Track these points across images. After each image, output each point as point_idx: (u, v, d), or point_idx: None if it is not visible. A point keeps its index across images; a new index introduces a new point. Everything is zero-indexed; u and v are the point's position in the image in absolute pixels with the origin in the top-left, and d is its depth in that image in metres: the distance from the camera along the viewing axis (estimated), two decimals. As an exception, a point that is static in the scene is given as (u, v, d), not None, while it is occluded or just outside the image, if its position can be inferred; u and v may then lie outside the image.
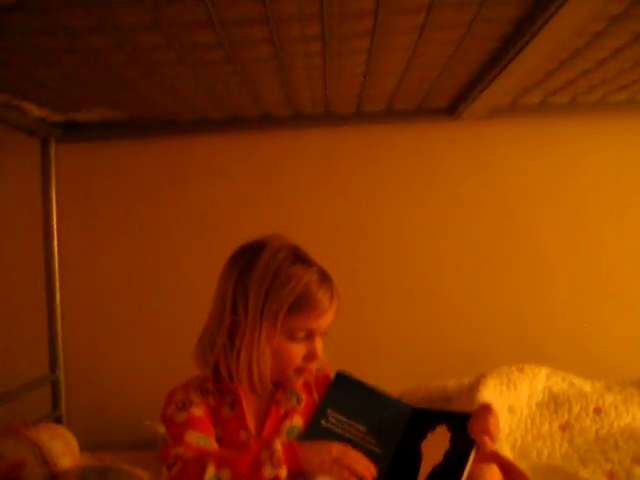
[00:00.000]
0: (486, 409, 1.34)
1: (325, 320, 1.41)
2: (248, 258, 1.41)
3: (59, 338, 2.43)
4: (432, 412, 1.48)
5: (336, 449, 1.30)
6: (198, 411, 1.38)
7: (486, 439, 1.29)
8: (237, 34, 1.45)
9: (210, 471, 1.22)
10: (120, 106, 2.19)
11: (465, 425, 1.33)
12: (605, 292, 2.53)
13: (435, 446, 1.36)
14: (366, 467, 1.29)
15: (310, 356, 1.42)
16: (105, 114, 2.27)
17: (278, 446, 1.25)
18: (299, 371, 1.45)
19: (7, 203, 2.51)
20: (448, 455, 1.31)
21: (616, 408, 2.01)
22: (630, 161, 2.53)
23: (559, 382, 2.12)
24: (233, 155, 2.55)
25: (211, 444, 1.34)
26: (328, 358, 1.47)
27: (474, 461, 1.28)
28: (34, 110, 2.12)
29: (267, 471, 1.21)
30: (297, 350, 1.41)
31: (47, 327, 2.42)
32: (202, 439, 1.34)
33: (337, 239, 2.51)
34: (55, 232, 2.42)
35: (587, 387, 2.12)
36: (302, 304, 1.37)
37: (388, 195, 2.55)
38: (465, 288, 2.54)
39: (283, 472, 1.21)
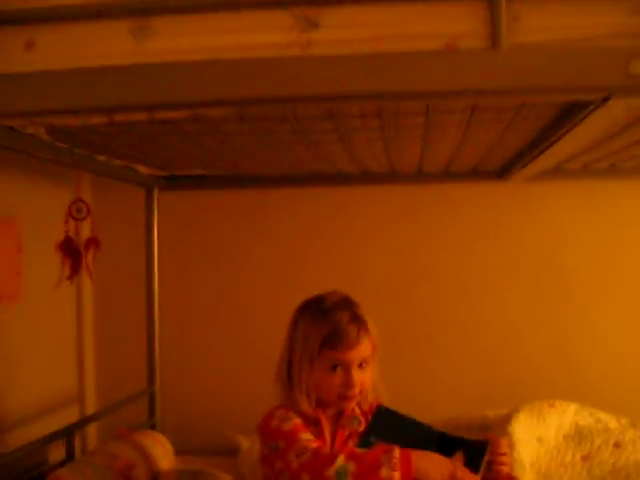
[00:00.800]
0: (498, 441, 1.52)
1: (356, 353, 1.55)
2: (304, 307, 1.61)
3: (156, 357, 2.60)
4: (455, 438, 1.62)
5: (450, 462, 1.43)
6: (298, 421, 1.54)
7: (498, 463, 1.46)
8: (307, 127, 1.63)
9: (340, 459, 1.36)
10: (210, 167, 2.40)
11: (480, 451, 1.48)
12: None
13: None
14: None
15: (347, 385, 1.56)
16: (199, 172, 2.48)
17: (396, 452, 1.37)
18: (344, 399, 1.59)
19: (117, 239, 2.70)
20: None
21: (634, 443, 2.10)
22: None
23: (586, 417, 2.22)
24: (308, 208, 2.73)
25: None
26: (386, 389, 1.66)
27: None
28: (144, 170, 2.35)
29: (384, 472, 1.34)
30: (333, 380, 1.55)
31: (146, 348, 2.59)
32: (313, 440, 1.49)
33: (401, 285, 2.66)
34: (156, 265, 2.60)
35: (612, 423, 2.21)
36: (331, 340, 1.53)
37: (445, 245, 2.70)
38: (510, 327, 2.66)
39: (397, 475, 1.33)
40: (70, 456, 2.05)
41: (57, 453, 2.19)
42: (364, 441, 1.59)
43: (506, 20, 1.18)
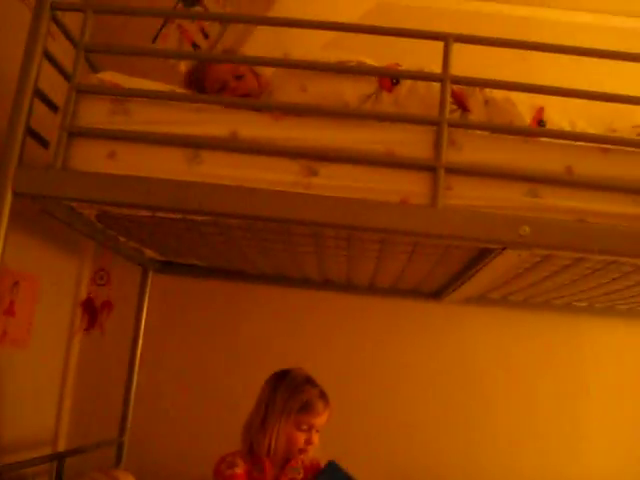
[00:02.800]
0: None
1: (320, 420, 2.12)
2: (278, 378, 2.13)
3: (130, 411, 2.95)
4: None
5: None
6: (239, 470, 2.03)
7: None
8: (294, 241, 2.17)
9: None
10: (206, 260, 2.86)
11: None
12: (538, 436, 3.08)
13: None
14: None
15: (308, 442, 2.11)
16: (194, 261, 2.96)
17: None
18: (301, 451, 2.09)
19: (120, 304, 3.09)
20: None
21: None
22: (552, 345, 3.15)
23: None
24: (278, 304, 3.16)
25: None
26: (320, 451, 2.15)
27: None
28: (149, 253, 2.81)
29: None
30: (300, 437, 2.10)
31: (122, 401, 2.94)
32: None
33: (346, 374, 3.08)
34: (141, 333, 2.99)
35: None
36: (306, 408, 2.06)
37: (387, 348, 3.15)
38: (430, 423, 3.09)
39: None
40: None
41: None
42: None
43: (443, 188, 1.69)
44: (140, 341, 3.00)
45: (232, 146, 1.76)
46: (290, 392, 2.12)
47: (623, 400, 3.09)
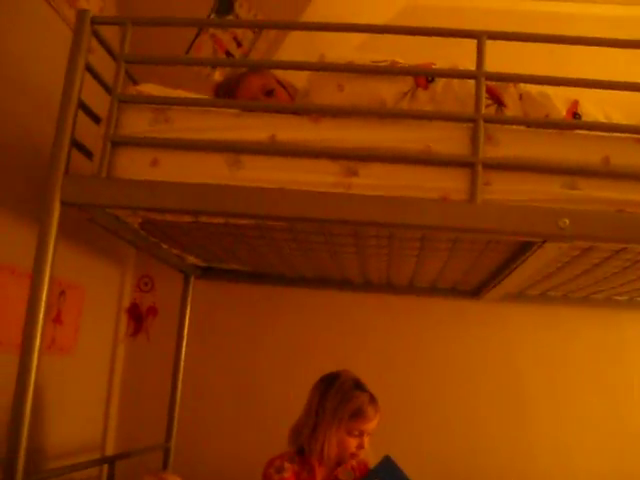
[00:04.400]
0: None
1: (371, 425, 2.13)
2: (327, 384, 2.14)
3: (176, 416, 3.00)
4: None
5: None
6: (287, 474, 2.06)
7: None
8: (336, 241, 2.20)
9: None
10: (247, 264, 2.90)
11: None
12: (579, 436, 3.05)
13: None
14: None
15: (360, 447, 2.13)
16: (235, 266, 3.00)
17: None
18: (352, 456, 2.12)
19: (164, 310, 3.13)
20: None
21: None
22: (594, 341, 3.13)
23: None
24: (318, 306, 3.19)
25: None
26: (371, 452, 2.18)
27: None
28: (190, 259, 2.86)
29: None
30: (352, 442, 2.11)
31: (168, 408, 2.99)
32: None
33: (388, 375, 3.08)
34: (185, 337, 3.05)
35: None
36: (357, 414, 2.07)
37: (426, 347, 3.16)
38: (472, 422, 3.09)
39: None
40: (110, 481, 2.48)
41: None
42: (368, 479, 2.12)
43: (481, 184, 1.71)
44: (184, 346, 3.04)
45: (272, 149, 1.79)
46: (340, 399, 2.13)
47: (669, 394, 3.04)
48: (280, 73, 2.29)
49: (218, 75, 2.69)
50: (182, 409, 3.02)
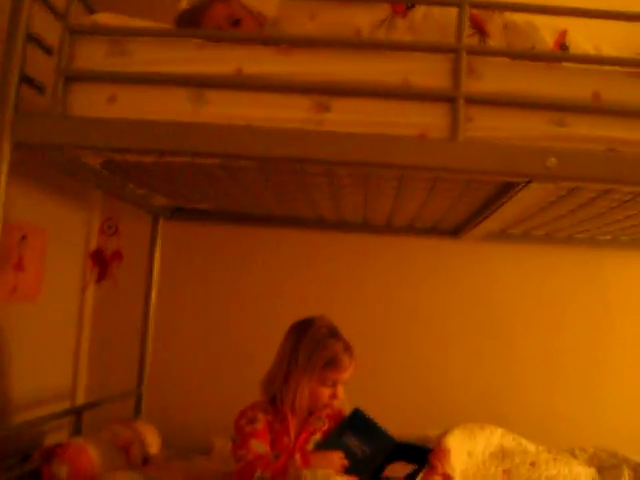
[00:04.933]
0: (440, 446, 1.96)
1: (345, 375, 2.04)
2: (300, 331, 2.05)
3: (147, 361, 2.95)
4: (408, 445, 2.06)
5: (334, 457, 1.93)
6: (260, 425, 1.99)
7: (437, 463, 1.89)
8: (308, 181, 2.08)
9: (258, 472, 1.84)
10: (217, 204, 2.80)
11: (424, 455, 1.93)
12: (560, 374, 3.05)
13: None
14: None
15: (333, 396, 2.05)
16: (205, 206, 2.89)
17: (297, 457, 1.87)
18: (325, 406, 2.05)
19: (133, 254, 2.99)
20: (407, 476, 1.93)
21: (547, 463, 2.50)
22: (576, 280, 3.10)
23: (510, 440, 2.61)
24: (292, 246, 3.11)
25: (265, 450, 1.94)
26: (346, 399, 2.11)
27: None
28: (158, 199, 2.75)
29: (290, 473, 1.81)
30: (325, 392, 2.03)
31: (138, 352, 2.93)
32: (260, 447, 1.95)
33: (365, 318, 3.04)
34: (155, 281, 2.98)
35: (531, 447, 2.60)
36: (331, 364, 1.98)
37: (403, 287, 3.10)
38: (452, 363, 3.06)
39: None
40: (77, 433, 2.42)
41: (51, 438, 2.49)
42: (339, 433, 2.08)
43: (463, 120, 1.61)
44: (153, 290, 2.97)
45: (238, 83, 1.67)
46: (314, 347, 2.04)
47: (650, 333, 3.01)
48: (248, 0, 2.13)
49: (184, 3, 2.51)
50: (153, 355, 2.96)
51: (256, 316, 3.05)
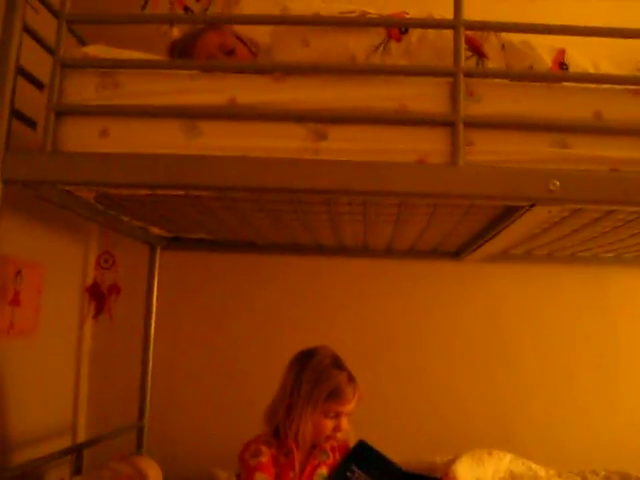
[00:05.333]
0: (448, 475, 1.90)
1: (349, 406, 1.98)
2: (303, 362, 2.00)
3: (148, 395, 2.87)
4: (415, 475, 2.01)
5: None
6: (264, 458, 1.92)
7: None
8: (306, 210, 2.04)
9: None
10: (214, 233, 2.74)
11: None
12: (568, 394, 2.98)
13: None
14: None
15: (337, 429, 1.99)
16: (202, 236, 2.84)
17: None
18: (329, 438, 1.99)
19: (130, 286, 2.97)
20: None
21: (558, 488, 2.46)
22: (580, 299, 3.05)
23: (519, 465, 2.56)
24: (292, 273, 3.05)
25: None
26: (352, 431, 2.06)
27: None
28: (155, 231, 2.70)
29: None
30: (329, 424, 1.97)
31: (139, 385, 2.86)
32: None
33: (368, 343, 2.98)
34: (154, 312, 2.90)
35: (541, 472, 2.54)
36: (334, 396, 1.93)
37: (406, 311, 3.04)
38: (458, 387, 2.99)
39: None
40: (78, 471, 2.36)
41: (52, 475, 2.44)
42: (344, 466, 2.01)
43: (463, 144, 1.57)
44: (153, 321, 2.90)
45: (232, 114, 1.64)
46: (317, 378, 1.98)
47: (656, 350, 2.97)
48: (240, 28, 2.11)
49: (176, 32, 2.48)
50: (154, 388, 2.89)
51: (257, 345, 2.99)
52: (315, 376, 1.97)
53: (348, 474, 2.01)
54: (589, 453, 2.86)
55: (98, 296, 2.56)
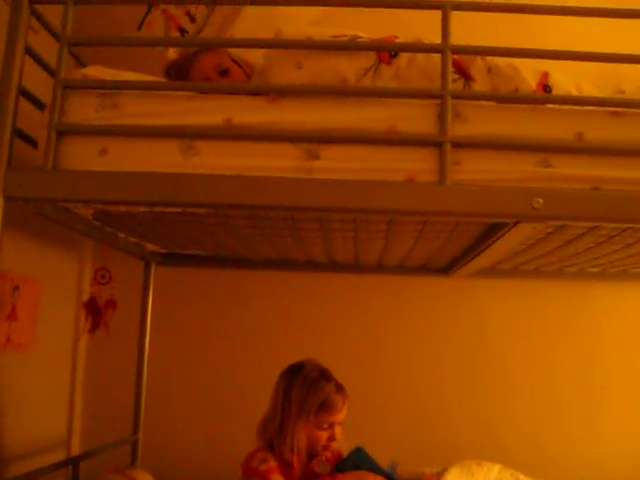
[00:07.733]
0: None
1: (340, 416, 2.02)
2: (291, 376, 2.04)
3: (142, 409, 2.90)
4: None
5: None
6: (273, 464, 1.95)
7: None
8: (299, 227, 2.09)
9: None
10: (208, 249, 2.79)
11: None
12: (555, 407, 3.03)
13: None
14: None
15: (331, 438, 2.02)
16: (197, 252, 2.88)
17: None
18: (324, 448, 2.02)
19: (123, 302, 2.88)
20: None
21: (543, 499, 2.50)
22: (566, 313, 3.10)
23: (508, 476, 2.59)
24: (284, 289, 3.10)
25: None
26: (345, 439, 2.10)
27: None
28: (150, 246, 2.74)
29: None
30: (323, 435, 2.02)
31: (134, 400, 2.89)
32: None
33: (358, 357, 3.03)
34: (148, 326, 2.95)
35: (529, 482, 2.61)
36: (325, 407, 1.97)
37: (396, 326, 3.09)
38: (447, 399, 3.04)
39: None
40: (74, 484, 2.38)
41: None
42: (341, 471, 2.06)
43: (450, 164, 1.61)
44: (147, 336, 2.95)
45: (227, 134, 1.68)
46: (305, 391, 2.02)
47: (641, 364, 3.01)
48: (235, 50, 2.15)
49: (172, 53, 2.53)
50: (148, 402, 2.92)
51: (251, 359, 3.03)
52: (304, 390, 2.02)
53: None
54: (576, 464, 2.92)
55: (95, 311, 2.58)
